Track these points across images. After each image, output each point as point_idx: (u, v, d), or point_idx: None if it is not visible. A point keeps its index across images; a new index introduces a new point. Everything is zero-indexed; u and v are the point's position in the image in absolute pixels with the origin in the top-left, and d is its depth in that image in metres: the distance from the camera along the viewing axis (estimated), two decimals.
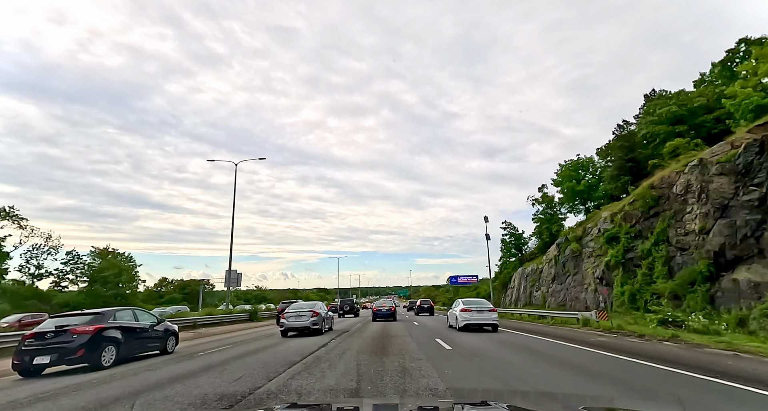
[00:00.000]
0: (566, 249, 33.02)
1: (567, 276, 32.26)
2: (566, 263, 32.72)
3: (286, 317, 17.19)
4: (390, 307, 28.71)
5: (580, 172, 38.09)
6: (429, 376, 7.01)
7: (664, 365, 7.99)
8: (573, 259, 31.55)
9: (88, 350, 9.45)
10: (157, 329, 12.34)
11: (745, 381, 6.39)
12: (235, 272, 66.84)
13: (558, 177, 40.39)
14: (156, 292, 75.11)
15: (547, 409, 3.42)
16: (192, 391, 6.41)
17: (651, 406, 5.06)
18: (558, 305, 32.81)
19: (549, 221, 41.65)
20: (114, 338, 10.28)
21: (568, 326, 19.53)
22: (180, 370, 8.92)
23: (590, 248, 29.00)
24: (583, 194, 37.69)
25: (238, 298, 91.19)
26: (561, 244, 34.42)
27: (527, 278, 43.18)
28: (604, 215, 28.42)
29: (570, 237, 32.57)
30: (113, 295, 50.92)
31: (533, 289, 40.44)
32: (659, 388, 6.08)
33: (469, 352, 10.56)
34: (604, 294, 23.62)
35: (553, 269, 35.48)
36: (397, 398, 5.19)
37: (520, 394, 5.66)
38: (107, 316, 10.62)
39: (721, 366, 7.89)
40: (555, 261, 35.05)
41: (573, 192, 38.64)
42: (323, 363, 8.91)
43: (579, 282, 29.99)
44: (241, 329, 24.23)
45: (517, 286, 46.13)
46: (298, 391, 6.16)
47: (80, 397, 6.58)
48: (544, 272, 38.11)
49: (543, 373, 7.49)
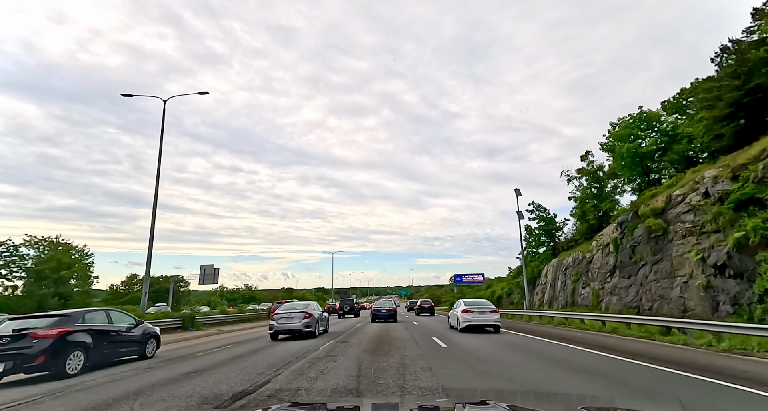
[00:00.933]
0: (635, 228, 23.57)
1: (640, 266, 22.77)
2: (637, 248, 23.26)
3: (275, 319, 16.08)
4: (390, 308, 27.42)
5: (641, 133, 28.40)
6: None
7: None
8: (651, 241, 22.07)
9: (50, 356, 8.64)
10: (135, 332, 11.44)
11: None
12: (212, 268, 57.34)
13: (609, 138, 30.82)
14: (123, 291, 65.81)
15: (547, 409, 3.42)
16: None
17: (651, 406, 4.98)
18: (625, 307, 23.34)
19: (596, 197, 32.11)
20: (82, 343, 9.44)
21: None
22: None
23: (687, 223, 19.49)
24: (649, 157, 28.04)
25: (226, 298, 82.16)
26: (625, 222, 24.93)
27: (566, 272, 33.68)
28: (709, 174, 18.94)
29: (643, 211, 23.07)
30: (51, 294, 41.56)
31: (577, 285, 30.95)
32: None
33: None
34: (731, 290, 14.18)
35: (612, 258, 26.02)
36: (397, 398, 5.29)
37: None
38: (75, 318, 9.83)
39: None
40: (615, 246, 25.58)
41: (631, 158, 29.06)
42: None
43: (666, 273, 20.48)
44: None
45: (551, 282, 36.60)
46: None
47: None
48: (594, 263, 28.63)
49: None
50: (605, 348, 11.80)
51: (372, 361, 9.25)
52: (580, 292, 30.19)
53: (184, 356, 11.74)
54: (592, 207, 32.50)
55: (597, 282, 27.81)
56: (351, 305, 39.24)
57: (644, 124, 28.12)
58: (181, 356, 11.77)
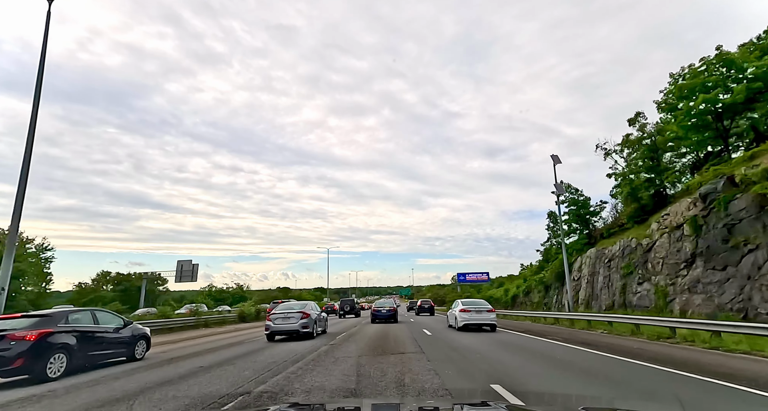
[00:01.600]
0: (732, 200, 16.95)
1: (745, 252, 16.11)
2: (737, 227, 16.61)
3: (272, 319, 15.61)
4: (390, 308, 27.01)
5: (720, 81, 21.53)
6: None
7: None
8: (764, 215, 15.41)
9: (29, 359, 8.04)
10: (123, 333, 10.91)
11: None
12: (189, 263, 50.21)
13: (671, 91, 23.87)
14: (93, 289, 59.23)
15: (546, 409, 3.40)
16: None
17: (651, 406, 4.94)
18: (718, 310, 16.69)
19: (653, 170, 25.36)
20: (65, 345, 8.78)
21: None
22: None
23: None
24: (733, 111, 21.20)
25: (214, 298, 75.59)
26: (713, 194, 18.27)
27: (610, 264, 27.02)
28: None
29: (747, 174, 16.42)
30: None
31: (629, 280, 24.29)
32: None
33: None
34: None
35: (689, 243, 19.38)
36: (398, 398, 5.17)
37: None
38: (57, 318, 9.17)
39: None
40: (695, 227, 18.92)
41: (701, 116, 22.29)
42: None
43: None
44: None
45: (587, 276, 29.91)
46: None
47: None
48: (657, 251, 21.97)
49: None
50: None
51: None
52: (635, 289, 23.53)
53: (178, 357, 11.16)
54: (642, 184, 25.77)
55: (663, 276, 21.15)
56: (352, 305, 39.56)
57: (722, 70, 21.40)
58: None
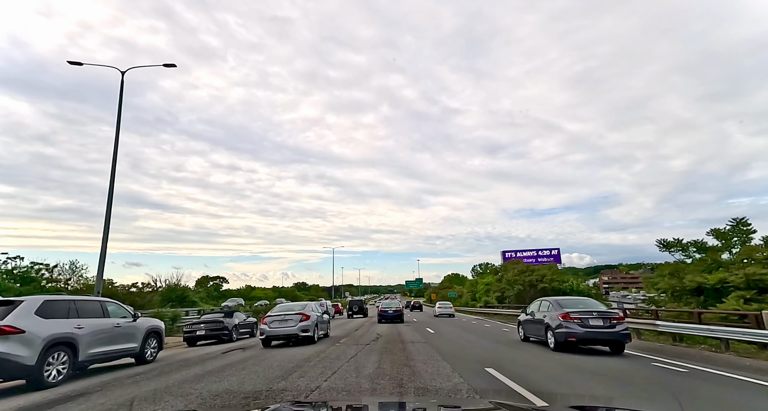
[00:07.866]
0: None
1: None
2: None
3: (267, 322, 14.30)
4: (397, 308, 28.11)
5: None
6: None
7: None
8: None
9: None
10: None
11: None
12: None
13: None
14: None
15: (542, 409, 3.41)
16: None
17: (650, 406, 4.99)
18: None
19: None
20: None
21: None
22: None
23: None
24: None
25: None
26: None
27: None
28: None
29: None
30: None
31: None
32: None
33: None
34: None
35: None
36: (400, 397, 5.18)
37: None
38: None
39: None
40: None
41: None
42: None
43: None
44: None
45: None
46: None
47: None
48: None
49: None
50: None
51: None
52: None
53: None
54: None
55: None
56: (360, 305, 41.91)
57: None
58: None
